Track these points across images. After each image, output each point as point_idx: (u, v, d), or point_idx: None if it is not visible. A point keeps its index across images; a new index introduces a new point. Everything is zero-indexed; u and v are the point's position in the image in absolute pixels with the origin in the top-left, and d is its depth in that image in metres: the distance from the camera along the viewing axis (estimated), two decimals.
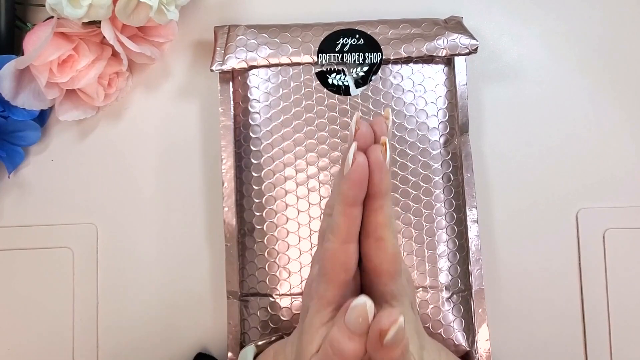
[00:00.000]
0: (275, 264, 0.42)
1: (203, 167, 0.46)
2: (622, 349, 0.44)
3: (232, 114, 0.44)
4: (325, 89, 0.43)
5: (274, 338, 0.39)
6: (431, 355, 0.34)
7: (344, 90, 0.43)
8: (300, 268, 0.42)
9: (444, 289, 0.42)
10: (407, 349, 0.29)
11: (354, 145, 0.28)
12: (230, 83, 0.44)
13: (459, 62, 0.44)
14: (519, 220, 0.46)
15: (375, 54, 0.43)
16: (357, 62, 0.43)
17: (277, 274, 0.42)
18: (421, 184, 0.43)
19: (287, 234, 0.42)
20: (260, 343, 0.37)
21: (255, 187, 0.43)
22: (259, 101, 0.43)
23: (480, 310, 0.42)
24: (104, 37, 0.40)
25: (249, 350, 0.36)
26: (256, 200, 0.43)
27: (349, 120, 0.43)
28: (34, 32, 0.41)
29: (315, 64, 0.43)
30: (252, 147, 0.43)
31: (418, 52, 0.43)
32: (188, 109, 0.46)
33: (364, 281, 0.33)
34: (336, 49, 0.43)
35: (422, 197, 0.43)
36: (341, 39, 0.43)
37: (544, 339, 0.45)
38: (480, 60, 0.46)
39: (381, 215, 0.29)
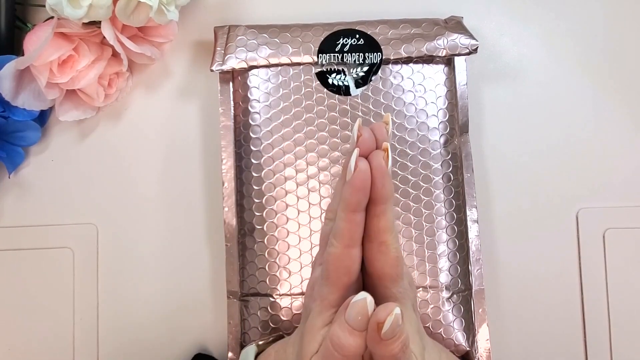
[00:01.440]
0: (275, 264, 0.42)
1: (203, 167, 0.46)
2: (622, 349, 0.44)
3: (232, 114, 0.44)
4: (325, 89, 0.43)
5: (272, 338, 0.39)
6: (432, 356, 0.34)
7: (344, 91, 0.43)
8: (301, 268, 0.42)
9: (444, 288, 0.42)
10: (407, 344, 0.29)
11: (355, 152, 0.29)
12: (231, 83, 0.44)
13: (459, 62, 0.44)
14: (519, 220, 0.46)
15: (375, 54, 0.43)
16: (357, 62, 0.43)
17: (278, 274, 0.42)
18: (421, 184, 0.43)
19: (288, 234, 0.42)
20: (261, 342, 0.37)
21: (255, 187, 0.43)
22: (259, 101, 0.43)
23: (480, 310, 0.42)
24: (104, 37, 0.40)
25: (250, 350, 0.36)
26: (256, 201, 0.43)
27: (349, 120, 0.43)
28: (34, 33, 0.41)
29: (316, 64, 0.43)
30: (252, 147, 0.43)
31: (418, 52, 0.43)
32: (188, 109, 0.46)
33: (366, 284, 0.33)
34: (336, 49, 0.43)
35: (422, 197, 0.43)
36: (341, 39, 0.43)
37: (544, 338, 0.45)
38: (481, 61, 0.46)
39: (383, 220, 0.30)
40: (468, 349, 0.42)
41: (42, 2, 0.40)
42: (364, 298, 0.28)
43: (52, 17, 0.40)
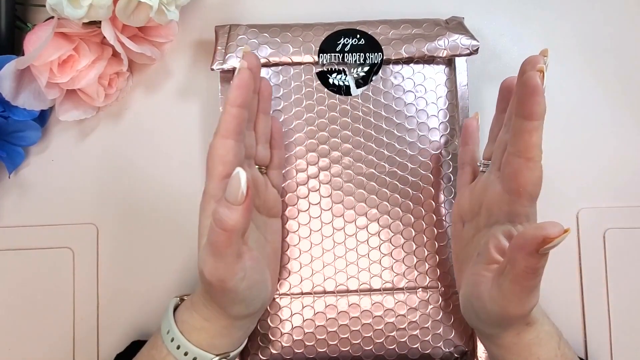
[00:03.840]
0: None
1: (203, 167, 0.45)
2: (622, 349, 0.44)
3: None
4: (325, 89, 0.43)
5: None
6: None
7: (344, 90, 0.43)
8: (300, 268, 0.42)
9: (443, 289, 0.42)
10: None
11: (243, 62, 0.35)
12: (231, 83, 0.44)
13: (459, 62, 0.44)
14: None
15: (376, 54, 0.43)
16: (357, 62, 0.43)
17: None
18: (421, 184, 0.43)
19: (287, 234, 0.42)
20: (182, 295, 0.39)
21: None
22: None
23: None
24: (104, 37, 0.40)
25: (171, 302, 0.38)
26: None
27: (349, 120, 0.43)
28: (35, 33, 0.41)
29: (316, 63, 0.43)
30: None
31: (419, 53, 0.43)
32: (188, 108, 0.46)
33: (498, 200, 0.34)
34: (337, 49, 0.43)
35: (422, 197, 0.43)
36: (342, 39, 0.43)
37: None
38: (481, 61, 0.46)
39: (535, 136, 0.32)
40: (467, 349, 0.42)
41: (42, 2, 0.40)
42: (237, 172, 0.29)
43: (52, 17, 0.40)
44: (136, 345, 0.42)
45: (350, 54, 0.43)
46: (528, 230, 0.29)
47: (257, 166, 0.40)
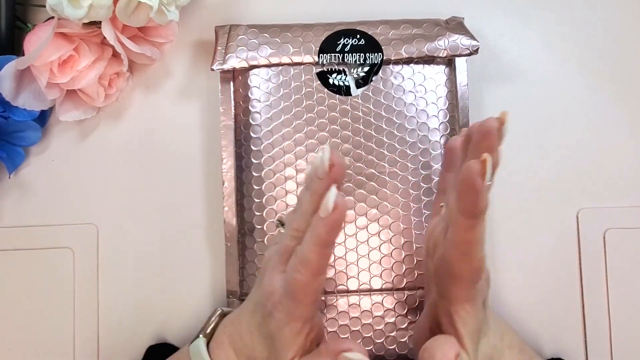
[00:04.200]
0: None
1: (203, 167, 0.46)
2: (622, 349, 0.44)
3: (233, 113, 0.44)
4: (326, 89, 0.43)
5: (214, 322, 0.37)
6: (490, 342, 0.34)
7: (344, 91, 0.43)
8: None
9: None
10: None
11: (333, 190, 0.29)
12: (231, 83, 0.44)
13: (459, 62, 0.44)
14: (519, 221, 0.46)
15: (376, 54, 0.43)
16: (358, 62, 0.43)
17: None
18: (422, 184, 0.43)
19: None
20: (208, 331, 0.36)
21: (255, 187, 0.43)
22: (259, 101, 0.43)
23: None
24: (105, 37, 0.40)
25: (200, 342, 0.35)
26: (256, 200, 0.43)
27: (349, 120, 0.43)
28: (35, 33, 0.41)
29: (316, 64, 0.43)
30: (252, 147, 0.43)
31: (419, 53, 0.43)
32: (188, 108, 0.46)
33: (443, 278, 0.33)
34: (337, 49, 0.43)
35: (423, 197, 0.43)
36: (342, 39, 0.43)
37: (544, 339, 0.45)
38: (481, 61, 0.46)
39: (472, 234, 0.30)
40: None
41: (42, 2, 0.40)
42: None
43: (52, 18, 0.40)
44: (153, 350, 0.43)
45: (350, 54, 0.43)
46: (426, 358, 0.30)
47: None
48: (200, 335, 0.36)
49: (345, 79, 0.43)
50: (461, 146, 0.34)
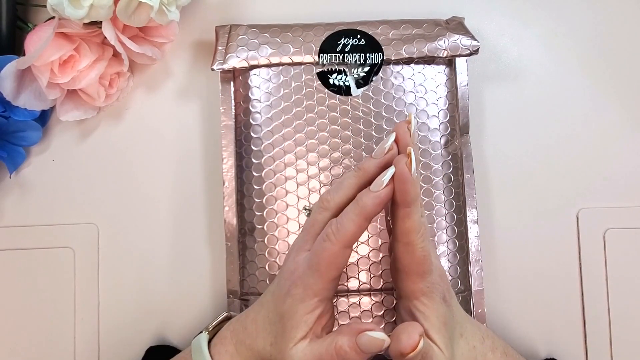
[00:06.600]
0: (275, 263, 0.42)
1: (204, 167, 0.46)
2: (622, 349, 0.44)
3: (233, 113, 0.44)
4: (326, 89, 0.43)
5: (220, 319, 0.38)
6: (469, 343, 0.35)
7: (345, 91, 0.43)
8: None
9: None
10: (430, 353, 0.31)
11: (392, 168, 0.31)
12: (232, 83, 0.44)
13: (460, 62, 0.44)
14: (519, 221, 0.46)
15: (376, 54, 0.43)
16: (358, 62, 0.43)
17: (277, 273, 0.42)
18: (421, 184, 0.43)
19: (288, 234, 0.43)
20: (211, 328, 0.37)
21: (256, 187, 0.43)
22: (260, 101, 0.43)
23: (479, 311, 0.42)
24: (105, 37, 0.40)
25: (202, 338, 0.36)
26: (257, 200, 0.43)
27: (349, 120, 0.43)
28: (35, 33, 0.41)
29: (317, 64, 0.43)
30: (253, 147, 0.43)
31: (419, 53, 0.43)
32: (189, 108, 0.46)
33: (396, 278, 0.35)
34: (337, 49, 0.43)
35: (423, 197, 0.43)
36: (342, 39, 0.43)
37: (544, 339, 0.45)
38: (481, 61, 0.46)
39: (409, 222, 0.32)
40: None
41: (43, 2, 0.40)
42: (383, 340, 0.30)
43: (53, 17, 0.40)
44: (153, 351, 0.43)
45: (350, 54, 0.43)
46: (392, 344, 0.31)
47: None
48: (203, 331, 0.36)
49: (345, 79, 0.43)
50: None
